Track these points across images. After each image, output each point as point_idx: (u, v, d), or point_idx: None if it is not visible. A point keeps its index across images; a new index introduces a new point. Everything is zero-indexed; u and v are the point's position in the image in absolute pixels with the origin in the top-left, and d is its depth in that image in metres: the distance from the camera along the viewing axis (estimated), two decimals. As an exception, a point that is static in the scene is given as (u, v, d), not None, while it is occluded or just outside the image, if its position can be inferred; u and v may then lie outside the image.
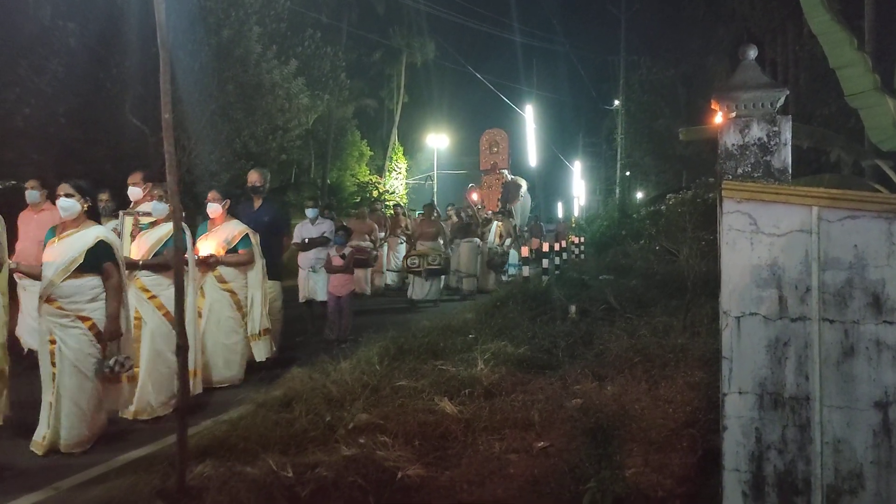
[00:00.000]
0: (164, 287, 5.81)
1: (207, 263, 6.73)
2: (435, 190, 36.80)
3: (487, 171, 31.01)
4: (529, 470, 4.08)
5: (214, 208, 7.07)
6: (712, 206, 8.45)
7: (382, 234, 15.54)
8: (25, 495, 4.14)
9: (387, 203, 25.33)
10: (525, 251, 14.39)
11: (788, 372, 2.92)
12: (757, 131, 3.06)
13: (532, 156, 42.54)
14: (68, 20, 14.31)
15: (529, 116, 41.82)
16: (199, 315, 6.54)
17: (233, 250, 6.90)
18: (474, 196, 27.38)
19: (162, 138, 3.88)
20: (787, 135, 3.05)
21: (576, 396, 5.33)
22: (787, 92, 3.17)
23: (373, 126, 36.93)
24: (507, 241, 16.53)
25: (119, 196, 7.08)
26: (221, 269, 6.85)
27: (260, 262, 7.08)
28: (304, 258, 9.50)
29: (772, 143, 3.05)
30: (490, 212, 19.41)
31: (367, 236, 13.63)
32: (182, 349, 3.88)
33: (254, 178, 8.19)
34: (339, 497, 3.71)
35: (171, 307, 5.61)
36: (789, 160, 3.04)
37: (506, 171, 30.15)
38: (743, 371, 2.97)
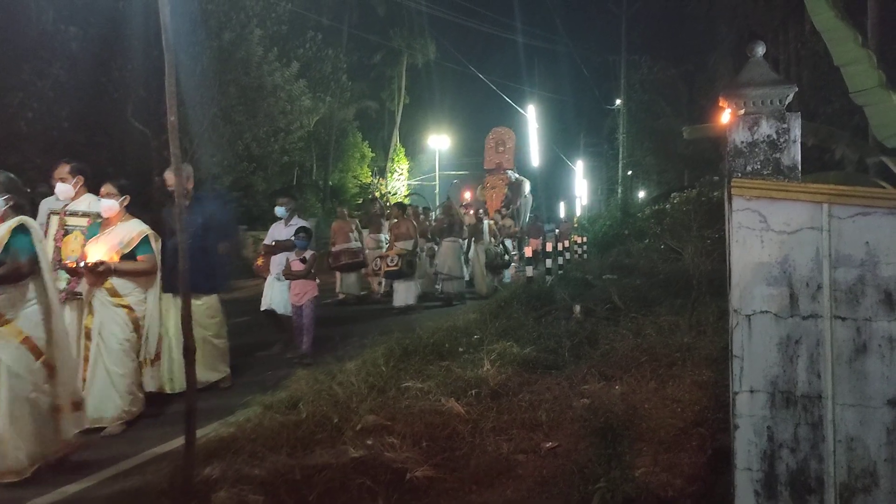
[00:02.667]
0: (16, 307, 4.48)
1: (96, 272, 5.45)
2: (437, 191, 36.84)
3: (491, 171, 28.90)
4: (538, 470, 4.07)
5: (109, 205, 5.73)
6: (717, 205, 8.45)
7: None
8: (32, 500, 4.13)
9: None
10: (528, 251, 14.27)
11: (800, 370, 2.90)
12: (766, 128, 3.04)
13: (534, 156, 42.58)
14: (70, 24, 14.37)
15: (531, 116, 41.85)
16: (88, 336, 5.52)
17: (129, 256, 5.63)
18: (467, 195, 26.81)
19: (163, 141, 3.87)
20: (796, 132, 3.03)
21: (583, 396, 5.31)
22: (796, 88, 3.15)
23: (374, 128, 36.99)
24: (504, 240, 16.18)
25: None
26: (115, 281, 5.58)
27: (158, 274, 5.90)
28: (273, 263, 8.53)
29: (781, 140, 3.03)
30: (487, 211, 18.99)
31: (351, 236, 13.08)
32: (189, 351, 3.87)
33: (170, 180, 6.40)
34: (348, 499, 3.70)
35: (31, 331, 4.51)
36: (799, 157, 3.02)
37: (511, 172, 29.09)
38: (754, 369, 2.95)
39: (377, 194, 29.56)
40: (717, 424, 4.36)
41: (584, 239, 22.77)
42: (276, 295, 8.37)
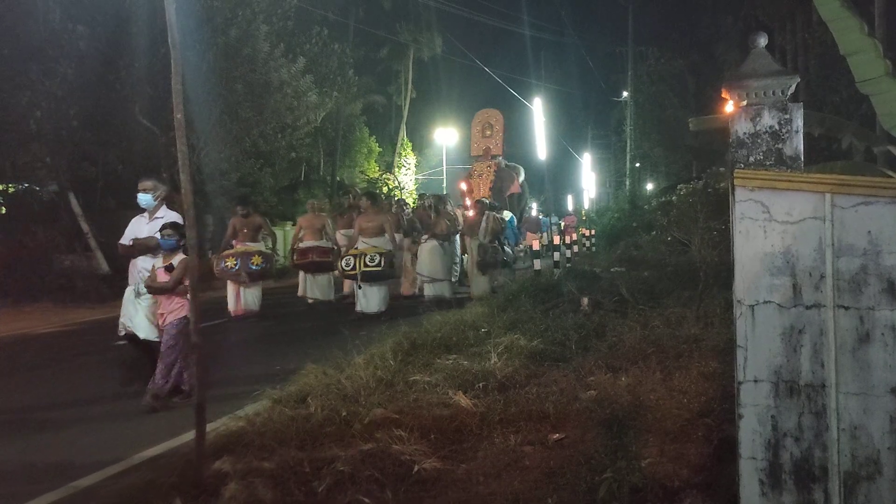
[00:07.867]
0: None
1: None
2: (444, 185, 36.84)
3: (479, 158, 25.69)
4: (545, 462, 4.08)
5: None
6: (723, 196, 8.42)
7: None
8: (44, 494, 4.18)
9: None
10: (535, 245, 14.19)
11: (804, 359, 2.91)
12: (768, 119, 3.05)
13: (541, 149, 42.44)
14: (78, 23, 14.45)
15: (538, 109, 41.70)
16: None
17: None
18: (463, 186, 26.05)
19: (172, 138, 3.90)
20: (798, 122, 3.04)
21: (590, 388, 5.33)
22: (798, 79, 3.15)
23: (381, 122, 37.04)
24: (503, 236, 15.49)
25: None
26: None
27: None
28: (133, 270, 6.37)
29: (783, 130, 3.03)
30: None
31: (321, 233, 12.03)
32: (197, 346, 3.91)
33: None
34: (357, 491, 3.73)
35: None
36: (801, 147, 3.03)
37: (500, 158, 27.29)
38: (758, 359, 2.96)
39: (385, 189, 29.52)
40: (724, 415, 4.36)
41: (593, 232, 22.75)
42: (139, 314, 6.22)
